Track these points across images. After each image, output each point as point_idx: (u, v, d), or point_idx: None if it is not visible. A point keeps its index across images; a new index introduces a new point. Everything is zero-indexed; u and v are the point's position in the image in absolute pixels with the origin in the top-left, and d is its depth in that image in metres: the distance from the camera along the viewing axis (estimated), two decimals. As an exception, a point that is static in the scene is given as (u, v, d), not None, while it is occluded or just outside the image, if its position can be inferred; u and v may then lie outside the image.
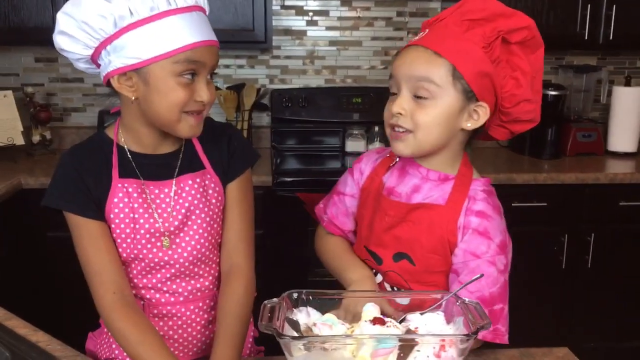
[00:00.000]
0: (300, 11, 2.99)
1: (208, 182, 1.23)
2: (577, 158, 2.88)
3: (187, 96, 1.10)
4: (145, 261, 1.20)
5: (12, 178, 2.38)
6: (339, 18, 3.01)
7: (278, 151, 2.90)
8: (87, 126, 2.98)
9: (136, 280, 1.22)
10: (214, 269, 1.28)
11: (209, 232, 1.23)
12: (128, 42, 1.07)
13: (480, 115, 1.15)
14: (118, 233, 1.17)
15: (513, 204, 2.56)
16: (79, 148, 1.22)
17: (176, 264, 1.21)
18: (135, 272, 1.22)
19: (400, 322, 0.95)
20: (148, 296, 1.23)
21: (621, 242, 2.66)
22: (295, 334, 0.90)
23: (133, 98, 1.11)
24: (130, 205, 1.17)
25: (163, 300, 1.24)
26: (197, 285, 1.25)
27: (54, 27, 1.12)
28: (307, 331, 0.93)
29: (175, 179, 1.20)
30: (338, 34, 3.03)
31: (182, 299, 1.25)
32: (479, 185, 1.20)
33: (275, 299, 0.94)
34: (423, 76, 1.12)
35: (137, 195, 1.18)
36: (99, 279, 1.15)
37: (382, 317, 0.92)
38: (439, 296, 0.98)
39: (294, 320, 0.92)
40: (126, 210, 1.17)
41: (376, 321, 0.92)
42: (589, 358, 1.21)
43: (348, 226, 1.35)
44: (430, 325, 0.93)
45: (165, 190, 1.20)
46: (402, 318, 0.96)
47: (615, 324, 2.75)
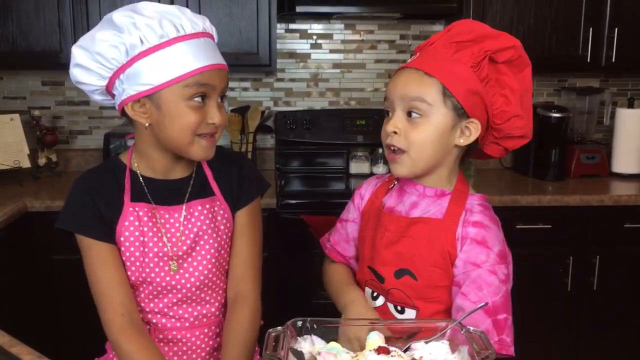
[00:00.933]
0: (304, 34, 3.02)
1: (217, 209, 1.25)
2: (581, 180, 2.88)
3: (199, 119, 1.13)
4: (153, 285, 1.21)
5: (18, 201, 2.39)
6: (343, 41, 3.04)
7: (282, 173, 2.91)
8: (93, 148, 3.00)
9: (143, 304, 1.23)
10: (221, 295, 1.28)
11: (217, 258, 1.24)
12: (140, 70, 1.11)
13: (472, 131, 1.19)
14: (127, 256, 1.19)
15: (517, 226, 2.55)
16: (93, 172, 1.26)
17: (183, 289, 1.22)
18: (142, 296, 1.23)
19: (404, 351, 0.94)
20: (154, 321, 1.24)
21: (627, 265, 2.65)
22: (299, 364, 0.90)
23: (147, 124, 1.15)
24: (140, 228, 1.19)
25: (169, 325, 1.24)
26: (203, 311, 1.26)
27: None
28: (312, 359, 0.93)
29: (185, 204, 1.23)
30: (342, 57, 3.06)
31: (188, 325, 1.25)
32: (476, 199, 1.23)
33: (279, 328, 0.95)
34: (415, 96, 1.16)
35: (148, 219, 1.20)
36: (108, 302, 1.16)
37: (387, 347, 0.92)
38: (444, 324, 0.98)
39: (299, 350, 0.92)
40: (136, 233, 1.19)
41: (381, 350, 0.91)
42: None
43: (349, 252, 1.38)
44: (434, 354, 0.93)
45: (175, 215, 1.22)
46: (407, 347, 0.95)
47: (621, 347, 2.72)
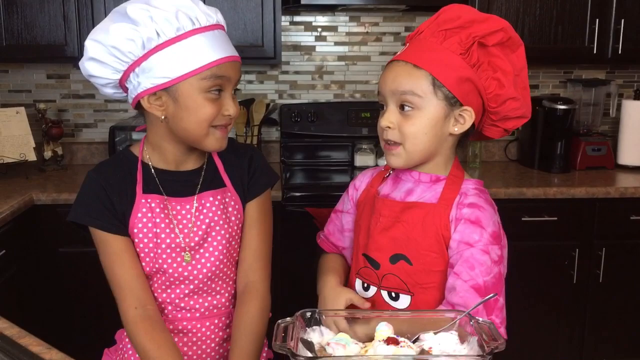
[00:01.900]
0: (309, 27, 3.02)
1: (228, 200, 1.26)
2: (587, 172, 2.87)
3: (216, 111, 1.15)
4: (166, 275, 1.22)
5: (24, 194, 2.39)
6: (348, 33, 3.03)
7: (287, 166, 2.91)
8: (98, 142, 3.01)
9: (156, 294, 1.25)
10: (231, 286, 1.30)
11: (228, 249, 1.25)
12: (156, 63, 1.11)
13: (466, 119, 1.19)
14: (141, 247, 1.20)
15: (523, 219, 2.55)
16: (105, 165, 1.27)
17: (195, 279, 1.23)
18: (156, 286, 1.24)
19: (413, 342, 0.95)
20: (166, 311, 1.25)
21: (633, 257, 2.64)
22: (309, 355, 0.90)
23: (163, 117, 1.15)
24: (153, 220, 1.20)
25: (179, 316, 1.26)
26: (214, 302, 1.27)
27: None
28: (321, 350, 0.93)
29: (196, 196, 1.24)
30: (347, 49, 3.05)
31: (199, 315, 1.26)
32: (471, 184, 1.24)
33: (288, 319, 0.95)
34: (405, 89, 1.16)
35: (160, 210, 1.21)
36: (123, 294, 1.18)
37: (396, 337, 0.92)
38: (453, 315, 0.98)
39: (309, 341, 0.92)
40: (149, 225, 1.20)
41: (390, 341, 0.92)
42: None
43: (343, 242, 1.39)
44: (443, 345, 0.93)
45: (187, 206, 1.23)
46: (416, 338, 0.95)
47: (627, 339, 2.72)
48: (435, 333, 0.96)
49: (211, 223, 1.23)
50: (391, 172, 1.32)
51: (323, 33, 3.03)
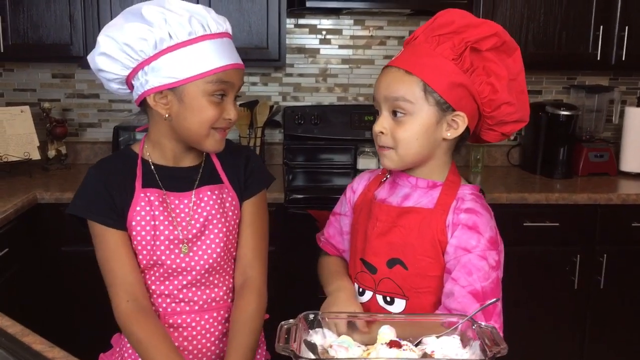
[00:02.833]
0: (313, 30, 3.03)
1: (225, 196, 1.31)
2: (589, 178, 2.88)
3: (217, 114, 1.20)
4: (163, 267, 1.25)
5: (28, 192, 2.40)
6: (352, 37, 3.04)
7: (290, 168, 2.92)
8: (102, 141, 3.01)
9: (154, 286, 1.27)
10: (228, 281, 1.33)
11: (225, 242, 1.29)
12: (166, 63, 1.16)
13: (459, 124, 1.19)
14: (139, 240, 1.23)
15: (525, 224, 2.56)
16: (106, 161, 1.31)
17: (192, 271, 1.26)
18: (153, 279, 1.27)
19: (416, 345, 0.95)
20: (164, 305, 1.28)
21: (634, 263, 2.65)
22: (312, 356, 0.90)
23: (166, 115, 1.20)
24: (151, 213, 1.24)
25: (178, 309, 1.28)
26: (212, 295, 1.30)
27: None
28: (324, 353, 0.94)
29: (194, 191, 1.28)
30: (351, 52, 3.06)
31: (197, 308, 1.29)
32: (467, 189, 1.24)
33: (291, 320, 0.96)
34: (397, 96, 1.17)
35: (159, 204, 1.24)
36: (117, 287, 1.22)
37: (398, 340, 0.93)
38: (455, 319, 0.99)
39: (312, 343, 0.93)
40: (147, 218, 1.23)
41: (392, 344, 0.92)
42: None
43: (343, 245, 1.40)
44: (446, 349, 0.94)
45: (185, 200, 1.27)
46: (418, 341, 0.96)
47: (628, 345, 2.72)
48: (437, 337, 0.96)
49: (209, 216, 1.27)
50: (388, 177, 1.32)
51: (327, 36, 3.04)
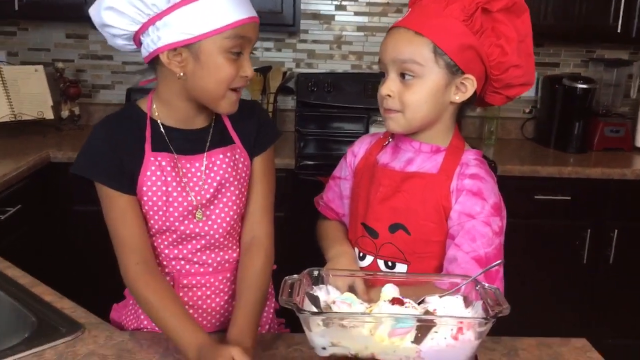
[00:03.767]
0: (329, -5, 2.99)
1: (238, 156, 1.26)
2: (604, 153, 2.84)
3: (235, 72, 1.14)
4: (177, 233, 1.22)
5: (41, 151, 2.42)
6: (368, 3, 3.00)
7: (302, 135, 2.91)
8: (115, 103, 3.01)
9: (167, 250, 1.25)
10: (239, 242, 1.31)
11: (238, 205, 1.26)
12: (180, 19, 1.09)
13: (467, 87, 1.17)
14: (150, 206, 1.19)
15: (536, 197, 2.54)
16: (112, 120, 1.23)
17: (207, 236, 1.24)
18: (166, 244, 1.24)
19: (418, 304, 0.95)
20: (178, 267, 1.26)
21: (645, 240, 2.63)
22: (314, 310, 0.91)
23: (181, 74, 1.13)
24: (163, 178, 1.19)
25: (193, 270, 1.27)
26: (226, 256, 1.28)
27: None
28: (327, 308, 0.94)
29: (206, 153, 1.23)
30: (366, 20, 3.02)
31: (211, 270, 1.28)
32: (471, 154, 1.22)
33: (295, 276, 0.96)
34: (406, 58, 1.14)
35: (171, 169, 1.20)
36: (125, 250, 1.18)
37: (401, 298, 0.93)
38: (459, 280, 0.99)
39: (315, 295, 0.93)
40: (158, 183, 1.19)
41: (395, 301, 0.92)
42: (607, 354, 1.20)
43: (342, 209, 1.38)
44: (448, 308, 0.93)
45: (196, 164, 1.22)
46: (421, 300, 0.96)
47: (635, 321, 2.72)
48: (440, 296, 0.96)
49: (222, 180, 1.23)
50: (390, 140, 1.30)
51: (343, 2, 2.99)
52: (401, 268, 1.21)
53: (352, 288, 1.03)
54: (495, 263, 1.04)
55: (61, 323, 1.21)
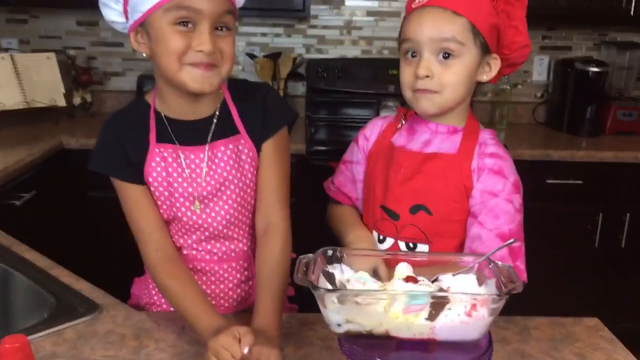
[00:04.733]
0: (339, -20, 2.98)
1: (242, 148, 1.24)
2: (617, 137, 2.83)
3: (183, 44, 1.09)
4: (182, 222, 1.25)
5: (54, 138, 2.44)
6: (378, -12, 2.99)
7: (312, 121, 2.91)
8: (127, 90, 3.03)
9: (175, 238, 1.28)
10: (246, 231, 1.30)
11: (242, 197, 1.25)
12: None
13: (492, 67, 1.19)
14: (157, 196, 1.22)
15: (548, 181, 2.54)
16: (119, 115, 1.26)
17: (210, 227, 1.25)
18: (173, 232, 1.27)
19: (432, 282, 0.96)
20: (185, 252, 1.29)
21: (658, 224, 2.62)
22: (329, 287, 0.92)
23: (145, 54, 1.15)
24: (166, 169, 1.21)
25: (199, 257, 1.29)
26: (231, 246, 1.29)
27: None
28: (341, 287, 0.95)
29: (208, 145, 1.22)
30: (376, 5, 3.01)
31: (217, 258, 1.29)
32: (487, 134, 1.24)
33: (310, 255, 0.97)
34: (447, 37, 1.14)
35: (172, 160, 1.21)
36: (144, 239, 1.21)
37: (415, 276, 0.94)
38: (471, 259, 0.99)
39: (330, 272, 0.94)
40: (163, 174, 1.21)
41: (409, 279, 0.93)
42: (619, 338, 1.20)
43: (355, 194, 1.37)
44: (462, 285, 0.94)
45: (200, 155, 1.22)
46: (435, 278, 0.97)
47: (646, 305, 2.72)
48: (454, 275, 0.97)
49: (224, 173, 1.22)
50: (403, 122, 1.30)
51: (353, -13, 2.99)
52: (422, 249, 1.22)
53: (376, 272, 1.04)
54: (510, 241, 1.04)
55: (79, 304, 1.23)
